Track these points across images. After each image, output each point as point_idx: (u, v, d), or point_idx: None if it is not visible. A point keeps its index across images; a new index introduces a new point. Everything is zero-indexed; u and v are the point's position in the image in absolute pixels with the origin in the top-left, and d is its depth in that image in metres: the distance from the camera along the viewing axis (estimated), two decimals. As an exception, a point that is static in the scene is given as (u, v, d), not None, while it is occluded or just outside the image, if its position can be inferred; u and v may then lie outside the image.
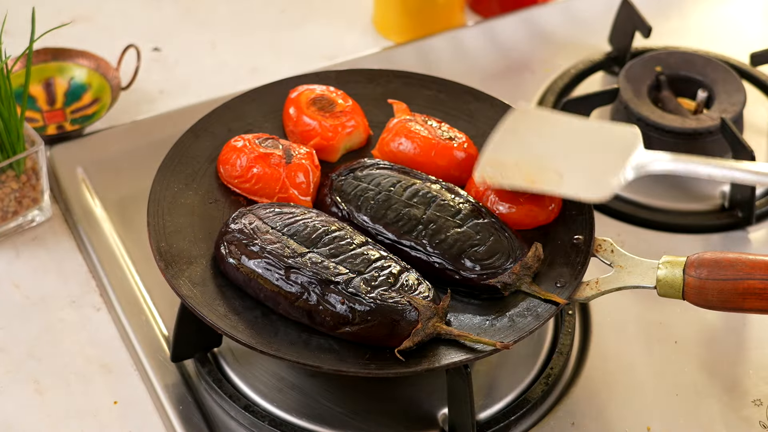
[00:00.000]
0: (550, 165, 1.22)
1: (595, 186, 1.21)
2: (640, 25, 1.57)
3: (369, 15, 1.73)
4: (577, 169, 1.22)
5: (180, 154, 1.29)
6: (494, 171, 1.23)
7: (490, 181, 1.22)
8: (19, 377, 1.27)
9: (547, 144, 1.25)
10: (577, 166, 1.23)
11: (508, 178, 1.22)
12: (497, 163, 1.23)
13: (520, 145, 1.25)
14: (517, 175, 1.22)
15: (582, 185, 1.21)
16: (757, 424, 1.24)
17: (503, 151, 1.25)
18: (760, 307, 1.14)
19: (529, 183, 1.21)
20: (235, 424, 1.22)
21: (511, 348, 1.12)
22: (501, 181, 1.22)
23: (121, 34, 1.67)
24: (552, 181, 1.21)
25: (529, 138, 1.26)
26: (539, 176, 1.21)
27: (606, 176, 1.21)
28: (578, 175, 1.22)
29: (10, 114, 1.34)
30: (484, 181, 1.22)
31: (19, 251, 1.39)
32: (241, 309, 1.16)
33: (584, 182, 1.21)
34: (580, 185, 1.21)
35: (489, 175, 1.22)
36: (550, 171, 1.22)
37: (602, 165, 1.23)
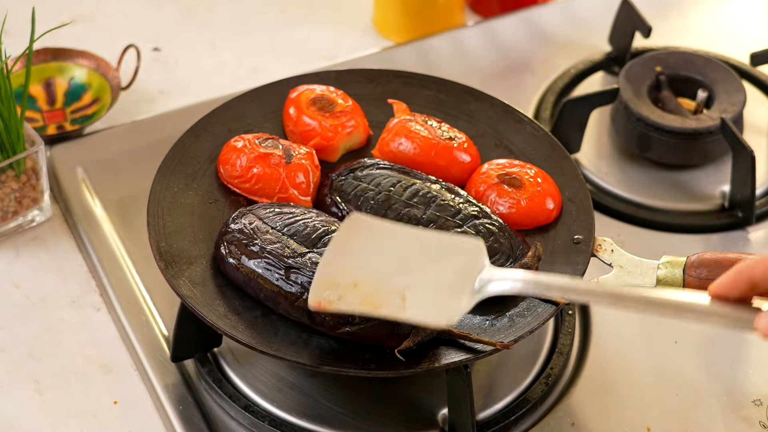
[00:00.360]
0: (391, 285, 1.09)
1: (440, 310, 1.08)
2: (640, 25, 1.57)
3: (369, 15, 1.73)
4: (421, 291, 1.09)
5: (180, 154, 1.29)
6: (332, 294, 1.09)
7: (328, 306, 1.09)
8: (19, 377, 1.27)
9: (387, 259, 1.11)
10: (420, 287, 1.09)
11: (348, 302, 1.09)
12: (334, 285, 1.10)
13: (357, 262, 1.11)
14: (356, 298, 1.09)
15: (426, 309, 1.08)
16: (757, 424, 1.24)
17: (340, 270, 1.11)
18: (760, 307, 1.13)
19: (371, 308, 1.08)
20: (235, 424, 1.22)
21: (511, 348, 1.12)
22: (339, 306, 1.09)
23: (121, 34, 1.67)
24: (395, 305, 1.08)
25: (367, 252, 1.12)
26: (381, 299, 1.08)
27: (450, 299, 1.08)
28: (422, 297, 1.08)
29: (10, 114, 1.34)
30: (321, 306, 1.09)
31: (19, 251, 1.39)
32: (241, 309, 1.16)
33: (429, 306, 1.08)
34: (425, 309, 1.08)
35: (326, 299, 1.09)
36: (392, 293, 1.09)
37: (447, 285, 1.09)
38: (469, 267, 1.09)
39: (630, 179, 1.47)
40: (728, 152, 1.45)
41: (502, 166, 1.28)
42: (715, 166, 1.49)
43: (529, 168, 1.28)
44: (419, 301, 1.08)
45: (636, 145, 1.48)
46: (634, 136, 1.48)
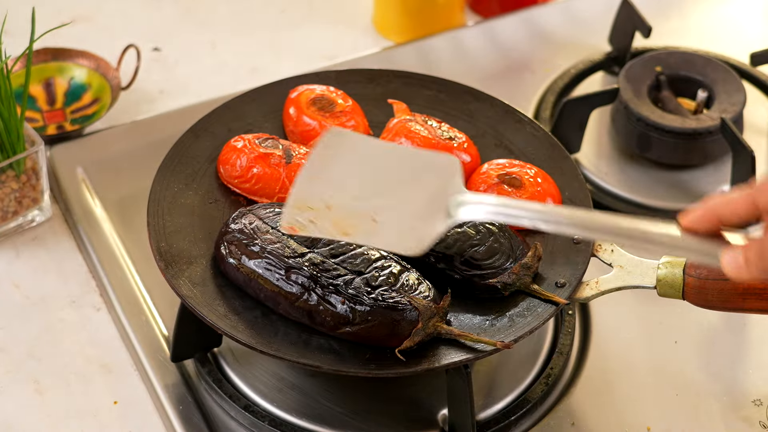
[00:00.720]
0: (364, 208, 1.08)
1: (411, 237, 1.07)
2: (640, 25, 1.57)
3: (369, 15, 1.73)
4: (393, 214, 1.08)
5: (180, 154, 1.29)
6: (302, 217, 1.08)
7: (300, 231, 1.08)
8: (19, 377, 1.27)
9: (361, 178, 1.10)
10: (392, 209, 1.08)
11: (318, 227, 1.08)
12: (306, 208, 1.08)
13: (330, 181, 1.10)
14: (328, 221, 1.08)
15: (397, 236, 1.06)
16: (757, 424, 1.24)
17: (313, 192, 1.09)
18: (760, 307, 1.14)
19: (341, 233, 1.07)
20: (235, 424, 1.22)
21: (511, 347, 1.12)
22: (310, 230, 1.08)
23: (121, 34, 1.67)
24: (366, 229, 1.07)
25: (341, 170, 1.10)
26: (352, 224, 1.07)
27: (423, 223, 1.07)
28: (394, 221, 1.07)
29: (10, 114, 1.34)
30: (293, 229, 1.08)
31: (19, 251, 1.39)
32: (241, 309, 1.16)
33: (400, 232, 1.07)
34: (395, 236, 1.06)
35: (297, 224, 1.08)
36: (364, 216, 1.07)
37: (420, 208, 1.07)
38: (442, 188, 1.07)
39: (630, 179, 1.47)
40: (728, 152, 1.45)
41: (502, 166, 1.28)
42: (715, 166, 1.49)
43: (529, 168, 1.28)
44: (390, 227, 1.07)
45: (636, 145, 1.48)
46: (634, 136, 1.48)
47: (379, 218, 1.07)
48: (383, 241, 1.07)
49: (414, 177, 1.09)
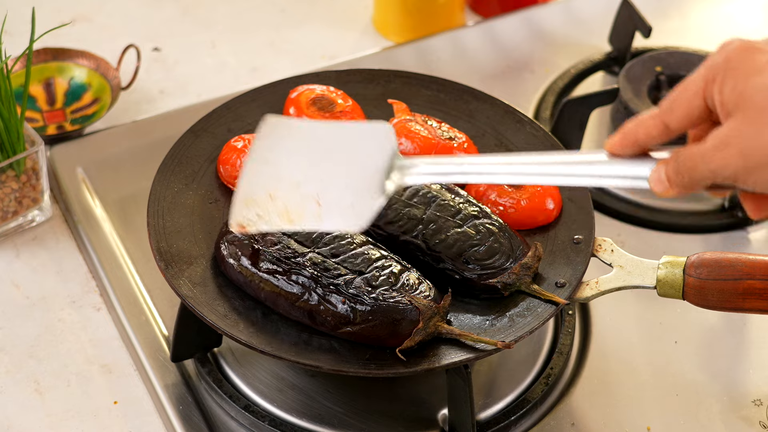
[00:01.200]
0: (307, 192, 1.07)
1: (354, 212, 1.07)
2: (640, 25, 1.57)
3: (369, 15, 1.73)
4: (334, 193, 1.07)
5: (180, 154, 1.29)
6: (249, 213, 1.07)
7: (250, 228, 1.07)
8: (19, 377, 1.27)
9: (301, 162, 1.09)
10: (333, 188, 1.07)
11: (266, 220, 1.07)
12: (251, 201, 1.08)
13: (271, 171, 1.09)
14: (274, 213, 1.07)
15: (341, 213, 1.06)
16: (757, 424, 1.24)
17: (255, 184, 1.09)
18: (760, 307, 1.14)
19: (288, 222, 1.06)
20: (235, 424, 1.22)
21: (512, 347, 1.12)
22: (259, 225, 1.07)
23: (121, 34, 1.67)
24: (312, 214, 1.06)
25: (280, 158, 1.10)
26: (297, 210, 1.07)
27: (362, 198, 1.06)
28: (336, 200, 1.07)
29: (10, 114, 1.34)
30: (242, 227, 1.07)
31: (19, 251, 1.39)
32: (242, 309, 1.16)
33: (342, 210, 1.06)
34: (339, 214, 1.06)
35: (245, 221, 1.07)
36: (308, 200, 1.07)
37: (359, 181, 1.07)
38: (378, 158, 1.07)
39: (630, 179, 1.47)
40: (728, 152, 1.45)
41: (502, 166, 1.28)
42: (715, 166, 1.49)
43: (529, 168, 1.28)
44: (333, 208, 1.06)
45: (636, 145, 1.48)
46: (634, 136, 1.48)
47: (322, 201, 1.07)
48: (328, 223, 1.06)
49: (351, 151, 1.09)
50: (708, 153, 0.93)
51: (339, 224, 1.07)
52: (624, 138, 0.98)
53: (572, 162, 1.02)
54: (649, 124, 0.97)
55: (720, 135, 0.92)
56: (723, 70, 0.92)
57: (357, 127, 1.13)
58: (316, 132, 1.11)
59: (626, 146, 0.98)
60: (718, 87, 0.92)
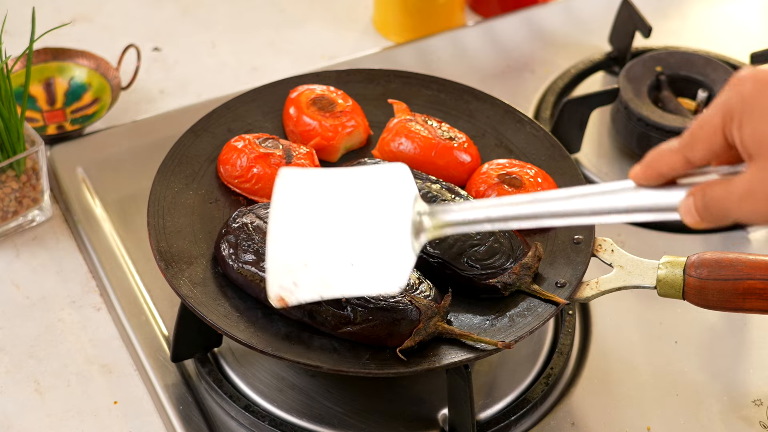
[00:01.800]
0: (339, 256, 1.07)
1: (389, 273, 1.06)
2: (640, 25, 1.57)
3: (369, 15, 1.73)
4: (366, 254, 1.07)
5: (180, 154, 1.29)
6: (286, 281, 1.07)
7: (290, 300, 1.07)
8: (19, 377, 1.27)
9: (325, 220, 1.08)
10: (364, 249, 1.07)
11: (305, 290, 1.07)
12: (287, 270, 1.07)
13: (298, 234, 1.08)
14: (311, 282, 1.07)
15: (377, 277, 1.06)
16: (757, 424, 1.24)
17: (286, 250, 1.08)
18: (760, 307, 1.14)
19: (327, 288, 1.06)
20: (235, 424, 1.22)
21: (512, 347, 1.12)
22: (299, 296, 1.07)
23: (121, 34, 1.67)
24: (348, 279, 1.06)
25: (303, 218, 1.09)
26: (334, 276, 1.06)
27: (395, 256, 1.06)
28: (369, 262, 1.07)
29: (10, 114, 1.34)
30: (282, 301, 1.08)
31: (19, 251, 1.39)
32: (242, 309, 1.16)
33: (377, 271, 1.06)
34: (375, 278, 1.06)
35: (285, 291, 1.07)
36: (342, 265, 1.06)
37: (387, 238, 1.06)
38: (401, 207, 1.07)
39: (630, 179, 1.47)
40: (728, 152, 1.45)
41: (502, 166, 1.28)
42: (715, 166, 1.49)
43: (529, 168, 1.28)
44: (367, 268, 1.06)
45: (636, 145, 1.48)
46: (634, 136, 1.48)
47: (356, 264, 1.07)
48: (366, 288, 1.07)
49: (372, 201, 1.09)
50: (735, 201, 0.93)
51: (377, 288, 1.07)
52: (647, 169, 0.98)
53: (600, 192, 1.00)
54: (672, 158, 0.96)
55: (746, 184, 0.92)
56: (740, 112, 0.91)
57: (373, 171, 1.12)
58: (333, 181, 1.11)
59: (650, 177, 0.98)
60: (736, 127, 0.92)
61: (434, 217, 1.07)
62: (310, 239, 1.08)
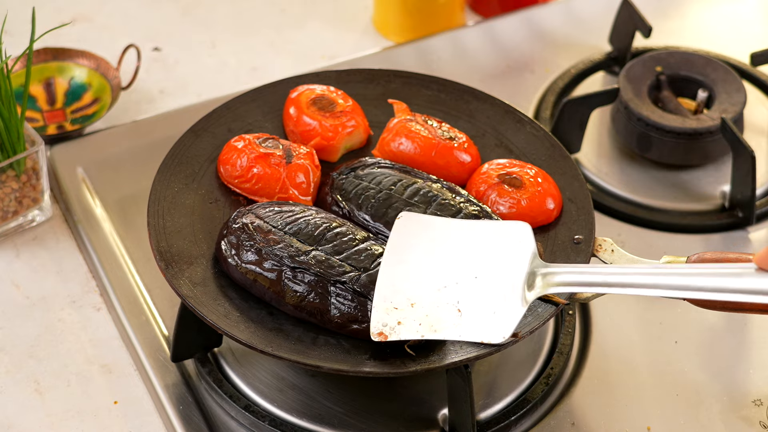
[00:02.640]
0: (447, 299, 1.10)
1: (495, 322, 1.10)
2: (640, 24, 1.57)
3: (369, 15, 1.73)
4: (475, 301, 1.10)
5: (180, 154, 1.29)
6: (390, 319, 1.10)
7: (390, 336, 1.10)
8: (19, 377, 1.27)
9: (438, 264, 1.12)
10: (474, 295, 1.11)
11: (408, 328, 1.10)
12: (392, 309, 1.10)
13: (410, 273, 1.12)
14: (415, 321, 1.10)
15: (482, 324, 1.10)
16: (757, 424, 1.24)
17: (395, 288, 1.12)
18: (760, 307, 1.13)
19: (431, 331, 1.09)
20: (235, 424, 1.22)
21: (519, 339, 1.11)
22: (400, 333, 1.10)
23: (121, 34, 1.67)
24: (453, 323, 1.10)
25: (417, 259, 1.13)
26: (440, 318, 1.10)
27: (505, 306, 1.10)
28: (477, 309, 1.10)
29: (10, 114, 1.34)
30: (382, 336, 1.10)
31: (19, 251, 1.39)
32: (242, 309, 1.16)
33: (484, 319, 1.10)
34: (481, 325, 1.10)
35: (386, 328, 1.10)
36: (449, 308, 1.10)
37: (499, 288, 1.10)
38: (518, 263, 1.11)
39: (630, 179, 1.47)
40: (728, 152, 1.45)
41: (502, 166, 1.28)
42: (715, 166, 1.49)
43: (529, 168, 1.28)
44: (474, 315, 1.10)
45: (636, 145, 1.48)
46: (634, 136, 1.48)
47: (463, 309, 1.10)
48: (470, 334, 1.10)
49: (490, 252, 1.12)
50: None
51: (481, 336, 1.09)
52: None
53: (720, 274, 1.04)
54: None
55: None
56: None
57: (494, 226, 1.16)
58: (453, 230, 1.15)
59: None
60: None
61: (547, 277, 1.11)
62: (421, 281, 1.12)
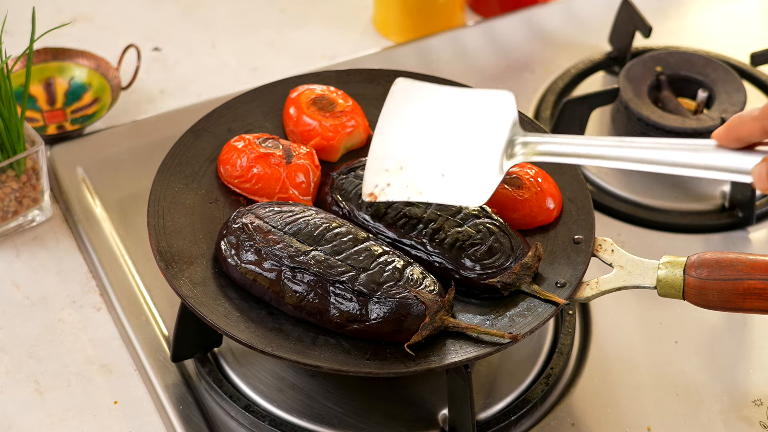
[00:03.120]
0: (433, 165, 1.18)
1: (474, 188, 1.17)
2: (640, 24, 1.57)
3: (369, 15, 1.73)
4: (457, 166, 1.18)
5: (180, 154, 1.29)
6: (381, 181, 1.19)
7: (379, 196, 1.18)
8: (19, 377, 1.27)
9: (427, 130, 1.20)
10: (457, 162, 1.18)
11: (395, 189, 1.18)
12: (382, 171, 1.19)
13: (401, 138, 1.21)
14: (402, 183, 1.18)
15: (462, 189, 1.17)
16: (757, 424, 1.24)
17: (387, 152, 1.20)
18: (761, 307, 1.14)
19: (416, 193, 1.17)
20: (235, 424, 1.22)
21: (519, 339, 1.12)
22: (388, 194, 1.18)
23: (121, 34, 1.67)
24: (435, 187, 1.17)
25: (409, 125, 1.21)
26: (424, 182, 1.17)
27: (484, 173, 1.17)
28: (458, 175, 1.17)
29: (10, 114, 1.34)
30: (372, 196, 1.18)
31: (19, 251, 1.39)
32: (242, 309, 1.16)
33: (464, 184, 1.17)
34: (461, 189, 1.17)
35: (377, 190, 1.18)
36: (433, 174, 1.18)
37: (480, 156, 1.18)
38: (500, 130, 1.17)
39: (630, 179, 1.47)
40: (728, 152, 1.45)
41: (502, 166, 1.28)
42: (716, 166, 1.49)
43: (529, 168, 1.28)
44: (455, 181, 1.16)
45: (636, 145, 1.48)
46: (635, 136, 1.48)
47: (446, 173, 1.16)
48: (450, 197, 1.16)
49: (475, 119, 1.19)
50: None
51: (461, 200, 1.16)
52: (728, 131, 1.05)
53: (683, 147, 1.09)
54: (751, 125, 1.03)
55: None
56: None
57: (481, 94, 1.22)
58: (443, 97, 1.22)
59: (730, 140, 1.05)
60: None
61: (527, 145, 1.17)
62: (410, 146, 1.19)
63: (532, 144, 1.17)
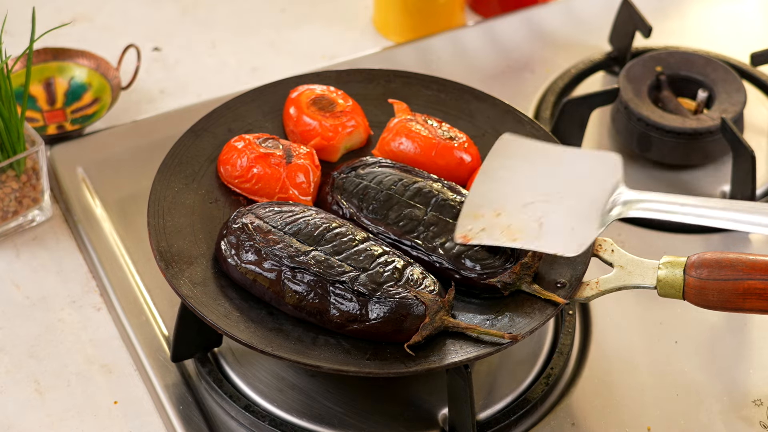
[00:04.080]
0: (530, 214, 1.18)
1: (572, 238, 1.16)
2: (640, 24, 1.57)
3: (369, 15, 1.73)
4: (557, 217, 1.18)
5: (180, 154, 1.29)
6: (475, 226, 1.18)
7: (472, 239, 1.17)
8: (19, 377, 1.27)
9: (528, 183, 1.21)
10: (557, 212, 1.18)
11: (490, 234, 1.17)
12: (479, 216, 1.19)
13: (500, 189, 1.21)
14: (498, 229, 1.18)
15: (560, 238, 1.16)
16: (757, 424, 1.24)
17: (484, 200, 1.20)
18: (761, 307, 1.14)
19: (509, 239, 1.17)
20: (235, 424, 1.22)
21: (519, 339, 1.12)
22: (482, 238, 1.17)
23: (121, 34, 1.67)
24: (532, 235, 1.17)
25: (510, 177, 1.22)
26: (519, 229, 1.17)
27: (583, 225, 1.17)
28: (557, 224, 1.17)
29: (10, 114, 1.34)
30: (465, 238, 1.18)
31: (19, 251, 1.39)
32: (242, 309, 1.16)
33: (562, 235, 1.17)
34: (558, 238, 1.16)
35: (470, 233, 1.18)
36: (530, 221, 1.18)
37: (581, 209, 1.18)
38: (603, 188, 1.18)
39: (630, 179, 1.47)
40: (728, 152, 1.45)
41: (502, 166, 1.28)
42: (715, 166, 1.49)
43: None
44: (553, 231, 1.16)
45: (636, 145, 1.48)
46: (634, 136, 1.48)
47: (543, 222, 1.16)
48: (546, 245, 1.15)
49: (578, 177, 1.19)
50: None
51: (555, 248, 1.15)
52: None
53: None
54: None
55: None
56: None
57: (587, 153, 1.24)
58: (548, 154, 1.23)
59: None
60: None
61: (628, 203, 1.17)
62: (510, 196, 1.19)
63: (633, 202, 1.18)
